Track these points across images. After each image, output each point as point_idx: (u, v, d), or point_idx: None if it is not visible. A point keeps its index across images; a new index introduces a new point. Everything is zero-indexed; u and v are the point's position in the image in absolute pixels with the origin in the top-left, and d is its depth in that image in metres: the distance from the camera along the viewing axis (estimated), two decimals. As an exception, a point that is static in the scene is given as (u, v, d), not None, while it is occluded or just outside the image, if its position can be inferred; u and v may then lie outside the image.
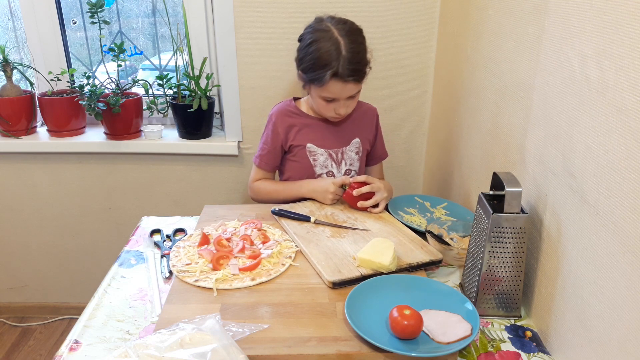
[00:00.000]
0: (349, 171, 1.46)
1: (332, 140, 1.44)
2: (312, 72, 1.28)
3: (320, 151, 1.43)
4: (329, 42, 1.26)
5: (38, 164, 1.92)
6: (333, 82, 1.26)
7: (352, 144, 1.46)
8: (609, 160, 0.71)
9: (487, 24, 1.24)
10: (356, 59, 1.26)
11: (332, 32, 1.27)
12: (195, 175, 1.94)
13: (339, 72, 1.24)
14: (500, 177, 0.92)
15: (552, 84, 0.89)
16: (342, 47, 1.25)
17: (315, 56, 1.27)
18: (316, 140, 1.43)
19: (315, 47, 1.27)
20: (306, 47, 1.30)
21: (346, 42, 1.25)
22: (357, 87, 1.31)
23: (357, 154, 1.47)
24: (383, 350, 0.81)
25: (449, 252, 1.11)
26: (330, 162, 1.44)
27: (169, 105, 1.88)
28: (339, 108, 1.33)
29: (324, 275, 1.01)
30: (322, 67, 1.25)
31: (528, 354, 0.87)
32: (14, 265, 2.11)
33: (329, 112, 1.36)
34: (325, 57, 1.25)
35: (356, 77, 1.27)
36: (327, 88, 1.28)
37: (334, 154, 1.44)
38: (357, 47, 1.27)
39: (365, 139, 1.48)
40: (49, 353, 1.98)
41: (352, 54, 1.25)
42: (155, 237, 1.24)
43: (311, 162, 1.44)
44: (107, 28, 1.86)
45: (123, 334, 0.90)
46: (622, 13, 0.68)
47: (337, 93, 1.29)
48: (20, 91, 1.83)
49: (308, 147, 1.43)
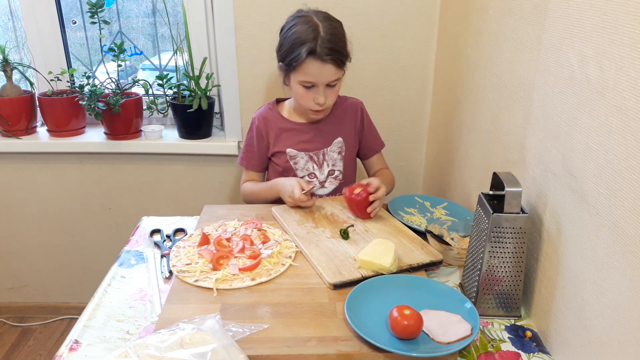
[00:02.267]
0: (332, 172, 1.46)
1: (313, 143, 1.44)
2: (290, 53, 1.28)
3: (301, 154, 1.43)
4: (307, 25, 1.28)
5: (38, 164, 1.92)
6: (310, 61, 1.26)
7: (333, 144, 1.45)
8: (609, 160, 0.71)
9: (487, 24, 1.24)
10: (334, 39, 1.27)
11: (311, 17, 1.29)
12: (195, 175, 1.94)
13: (316, 51, 1.25)
14: (500, 177, 0.92)
15: (552, 84, 0.89)
16: (321, 28, 1.27)
17: (293, 37, 1.28)
18: (296, 145, 1.43)
19: (294, 30, 1.29)
20: (285, 33, 1.33)
21: (325, 25, 1.28)
22: (336, 74, 1.30)
23: (340, 154, 1.46)
24: (383, 350, 0.81)
25: (449, 252, 1.11)
26: (312, 165, 1.44)
27: (169, 105, 1.88)
28: (318, 96, 1.32)
29: (325, 276, 1.01)
30: (299, 46, 1.26)
31: (528, 354, 0.87)
32: (14, 265, 2.11)
33: (309, 103, 1.35)
34: (303, 37, 1.26)
35: (334, 58, 1.26)
36: (305, 69, 1.28)
37: (315, 156, 1.44)
38: (335, 31, 1.29)
39: (349, 136, 1.47)
40: (49, 353, 1.97)
41: (330, 35, 1.27)
42: (155, 237, 1.24)
43: (292, 166, 1.44)
44: (107, 28, 1.86)
45: (123, 334, 0.90)
46: (622, 13, 0.68)
47: (314, 75, 1.28)
48: (20, 91, 1.83)
49: (288, 152, 1.44)
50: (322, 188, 1.46)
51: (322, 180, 1.45)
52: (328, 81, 1.31)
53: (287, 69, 1.33)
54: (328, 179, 1.46)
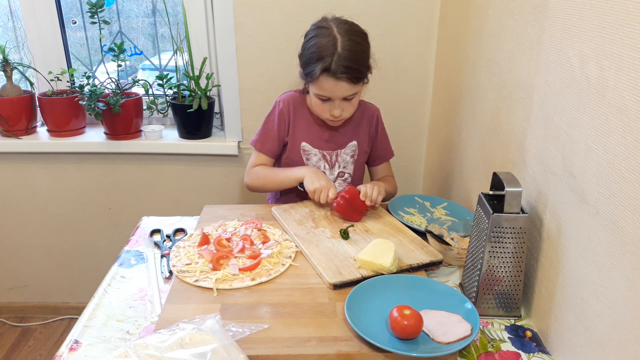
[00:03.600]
0: (342, 174, 1.45)
1: (329, 143, 1.43)
2: (307, 66, 1.28)
3: (314, 151, 1.43)
4: (327, 38, 1.25)
5: (38, 164, 1.92)
6: (324, 78, 1.24)
7: (348, 147, 1.45)
8: (609, 160, 0.71)
9: (487, 24, 1.24)
10: (351, 57, 1.23)
11: (332, 30, 1.26)
12: (195, 175, 1.94)
13: (330, 68, 1.22)
14: (500, 177, 0.92)
15: (552, 84, 0.89)
16: (339, 44, 1.23)
17: (311, 51, 1.26)
18: (312, 140, 1.42)
19: (313, 43, 1.27)
20: (306, 43, 1.31)
21: (344, 40, 1.24)
22: (353, 89, 1.27)
23: (352, 157, 1.46)
24: (383, 350, 0.81)
25: (449, 252, 1.11)
26: (323, 164, 1.43)
27: (169, 105, 1.88)
28: (333, 109, 1.31)
29: (325, 276, 1.01)
30: (315, 61, 1.24)
31: (528, 354, 0.87)
32: (14, 265, 2.11)
33: (325, 114, 1.34)
34: (320, 52, 1.24)
35: (349, 76, 1.23)
36: (319, 84, 1.27)
37: (328, 156, 1.43)
38: (354, 47, 1.25)
39: (363, 141, 1.47)
40: (49, 353, 1.97)
41: (347, 52, 1.23)
42: (155, 237, 1.24)
43: (304, 160, 1.43)
44: (107, 28, 1.86)
45: (123, 334, 0.90)
46: (622, 13, 0.68)
47: (329, 90, 1.27)
48: (20, 91, 1.83)
49: (302, 145, 1.42)
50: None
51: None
52: (343, 96, 1.29)
53: (305, 79, 1.32)
54: (337, 180, 1.45)
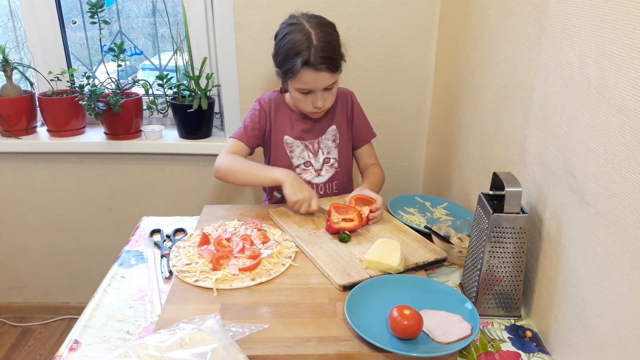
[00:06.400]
0: (327, 159, 1.47)
1: (309, 133, 1.46)
2: (285, 63, 1.30)
3: (297, 143, 1.46)
4: (300, 34, 1.28)
5: (38, 164, 1.92)
6: (305, 71, 1.28)
7: (327, 132, 1.48)
8: (609, 160, 0.71)
9: (487, 24, 1.24)
10: (327, 47, 1.28)
11: (304, 25, 1.30)
12: (195, 175, 1.94)
13: (310, 61, 1.26)
14: (500, 177, 0.92)
15: (552, 84, 0.89)
16: (313, 37, 1.27)
17: (287, 47, 1.29)
18: (293, 133, 1.45)
19: (288, 39, 1.30)
20: (279, 42, 1.34)
21: (317, 32, 1.28)
22: (332, 78, 1.32)
23: (335, 142, 1.48)
24: (383, 350, 0.81)
25: (452, 250, 1.11)
26: (307, 153, 1.47)
27: (169, 105, 1.88)
28: (316, 100, 1.34)
29: (334, 278, 1.00)
30: (294, 57, 1.28)
31: (528, 354, 0.87)
32: (14, 265, 2.11)
33: (308, 107, 1.37)
34: (297, 47, 1.27)
35: (328, 66, 1.28)
36: (300, 77, 1.30)
37: (310, 145, 1.47)
38: (327, 37, 1.30)
39: (341, 124, 1.49)
40: (49, 353, 1.97)
41: (322, 43, 1.28)
42: (155, 237, 1.24)
43: (288, 153, 1.46)
44: (107, 28, 1.86)
45: (123, 334, 0.90)
46: (622, 13, 0.68)
47: (310, 83, 1.30)
48: (20, 91, 1.83)
49: (285, 139, 1.45)
50: (319, 176, 1.47)
51: (317, 168, 1.47)
52: (324, 86, 1.33)
53: (284, 76, 1.35)
54: (324, 167, 1.48)
